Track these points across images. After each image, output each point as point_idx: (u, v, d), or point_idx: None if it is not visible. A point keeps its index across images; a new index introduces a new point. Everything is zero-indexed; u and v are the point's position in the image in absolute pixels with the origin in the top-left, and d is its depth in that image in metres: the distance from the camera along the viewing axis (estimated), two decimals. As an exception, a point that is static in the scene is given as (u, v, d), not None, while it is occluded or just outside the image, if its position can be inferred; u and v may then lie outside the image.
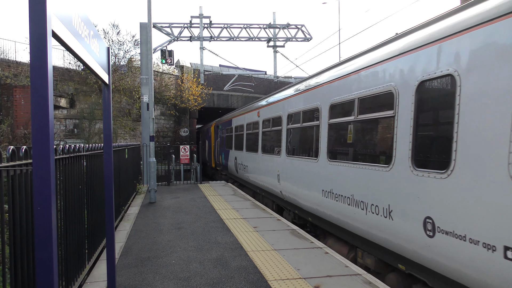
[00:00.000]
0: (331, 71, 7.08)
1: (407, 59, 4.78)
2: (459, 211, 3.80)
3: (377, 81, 5.36)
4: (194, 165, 17.01)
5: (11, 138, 14.05)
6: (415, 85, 4.56)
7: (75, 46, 2.51)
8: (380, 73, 5.31)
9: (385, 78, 5.20)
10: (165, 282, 4.75)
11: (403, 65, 4.84)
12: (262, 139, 11.38)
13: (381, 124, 5.39)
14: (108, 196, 4.16)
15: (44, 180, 1.92)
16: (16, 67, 16.92)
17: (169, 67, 24.47)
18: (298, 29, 26.75)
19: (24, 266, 2.77)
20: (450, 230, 3.89)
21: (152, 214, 9.10)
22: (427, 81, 4.43)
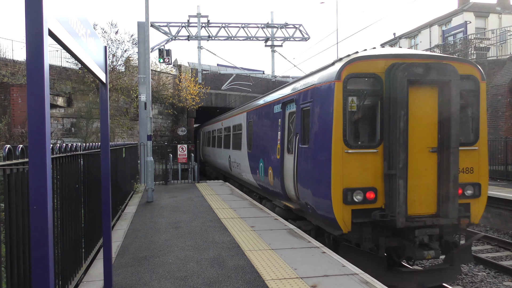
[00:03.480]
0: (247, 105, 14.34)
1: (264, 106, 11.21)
2: (254, 163, 11.37)
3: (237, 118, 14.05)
4: (191, 164, 16.98)
5: (8, 137, 14.00)
6: (289, 112, 8.96)
7: (72, 45, 2.50)
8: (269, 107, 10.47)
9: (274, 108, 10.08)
10: (162, 282, 4.75)
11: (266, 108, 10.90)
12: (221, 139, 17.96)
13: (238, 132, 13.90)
14: (105, 195, 4.15)
15: (40, 179, 1.92)
16: (13, 65, 16.87)
17: (167, 66, 24.44)
18: (296, 28, 26.77)
19: (20, 265, 2.77)
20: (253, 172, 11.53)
21: (149, 213, 9.10)
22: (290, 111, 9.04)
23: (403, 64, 6.32)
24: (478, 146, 6.94)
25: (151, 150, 11.75)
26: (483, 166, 6.97)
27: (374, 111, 6.70)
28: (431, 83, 6.48)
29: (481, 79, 7.00)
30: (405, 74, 6.21)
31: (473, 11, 31.71)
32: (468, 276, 7.89)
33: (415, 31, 37.91)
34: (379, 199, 6.45)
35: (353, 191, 6.39)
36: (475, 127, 6.98)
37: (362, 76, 6.56)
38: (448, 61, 6.79)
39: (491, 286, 7.47)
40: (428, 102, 6.57)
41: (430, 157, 6.57)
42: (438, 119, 6.57)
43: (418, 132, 6.52)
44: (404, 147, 6.20)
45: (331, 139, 6.46)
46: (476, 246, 10.11)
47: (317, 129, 7.02)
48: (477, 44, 22.51)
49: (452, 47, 21.23)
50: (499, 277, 7.90)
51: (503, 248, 9.87)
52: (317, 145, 7.00)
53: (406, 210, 6.17)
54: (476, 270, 8.25)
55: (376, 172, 6.48)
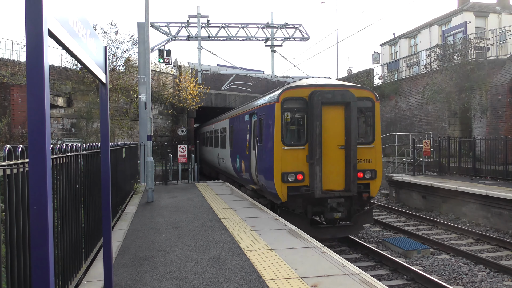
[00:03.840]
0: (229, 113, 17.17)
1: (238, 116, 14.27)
2: (234, 158, 14.19)
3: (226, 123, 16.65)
4: (191, 164, 16.98)
5: (9, 137, 14.00)
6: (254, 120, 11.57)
7: (72, 45, 2.50)
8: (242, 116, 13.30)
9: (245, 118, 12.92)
10: (162, 282, 4.75)
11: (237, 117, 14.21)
12: (212, 140, 20.51)
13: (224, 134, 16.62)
14: (105, 195, 4.15)
15: (40, 179, 1.92)
16: (13, 66, 16.87)
17: (167, 67, 24.43)
18: (296, 28, 26.75)
19: (21, 265, 2.77)
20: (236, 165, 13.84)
21: (150, 214, 9.10)
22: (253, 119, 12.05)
23: (318, 91, 9.55)
24: (375, 145, 10.13)
25: (151, 150, 11.75)
26: (378, 158, 10.16)
27: (302, 122, 9.87)
28: (338, 104, 9.70)
29: (376, 100, 10.18)
30: (319, 98, 9.40)
31: (473, 11, 31.71)
32: (468, 276, 7.90)
33: (415, 31, 37.91)
34: (305, 179, 9.64)
35: (288, 174, 9.60)
36: (372, 132, 10.14)
37: (293, 99, 9.78)
38: (350, 88, 9.95)
39: (491, 285, 7.48)
40: (337, 116, 9.77)
41: (339, 152, 9.76)
42: (344, 127, 9.70)
43: (331, 135, 9.69)
44: (320, 145, 9.36)
45: (273, 140, 9.68)
46: (476, 246, 10.12)
47: (266, 133, 10.13)
48: (477, 44, 22.48)
49: (452, 47, 21.21)
50: (499, 277, 7.90)
51: (503, 247, 9.87)
52: (266, 144, 10.10)
53: (321, 186, 9.33)
54: (476, 270, 8.25)
55: (303, 161, 9.67)
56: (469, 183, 13.69)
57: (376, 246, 10.05)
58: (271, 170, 9.70)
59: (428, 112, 22.18)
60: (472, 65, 19.27)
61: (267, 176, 9.95)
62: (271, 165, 9.71)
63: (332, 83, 10.68)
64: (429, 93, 21.06)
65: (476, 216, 12.26)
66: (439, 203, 13.97)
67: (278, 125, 9.67)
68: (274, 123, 9.70)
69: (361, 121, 10.17)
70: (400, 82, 25.65)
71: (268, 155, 9.90)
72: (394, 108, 25.41)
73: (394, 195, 16.70)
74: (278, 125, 9.67)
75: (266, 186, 10.15)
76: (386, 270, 8.35)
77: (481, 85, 18.58)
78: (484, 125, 18.06)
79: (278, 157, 9.64)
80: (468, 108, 19.24)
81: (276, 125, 9.67)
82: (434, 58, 22.45)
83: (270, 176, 9.73)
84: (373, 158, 10.07)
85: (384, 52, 42.22)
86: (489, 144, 15.45)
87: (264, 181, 10.21)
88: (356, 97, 9.69)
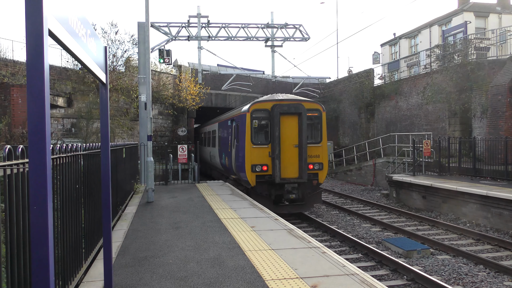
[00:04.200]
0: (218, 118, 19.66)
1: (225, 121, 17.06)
2: (220, 155, 17.50)
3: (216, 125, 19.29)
4: (192, 164, 16.97)
5: (9, 137, 14.00)
6: (234, 125, 14.73)
7: (72, 45, 2.50)
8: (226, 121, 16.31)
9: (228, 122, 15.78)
10: (162, 282, 4.75)
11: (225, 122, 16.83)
12: (206, 140, 23.41)
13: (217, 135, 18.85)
14: (105, 195, 4.15)
15: (40, 179, 1.92)
16: (14, 66, 16.86)
17: (167, 67, 24.41)
18: (296, 29, 26.74)
19: (21, 265, 2.77)
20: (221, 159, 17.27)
21: (150, 214, 9.10)
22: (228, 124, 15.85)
23: (278, 105, 12.81)
24: (322, 144, 13.44)
25: (151, 151, 11.75)
26: (324, 154, 13.47)
27: (266, 127, 13.08)
28: (292, 114, 12.90)
29: (322, 110, 13.60)
30: (278, 110, 12.73)
31: (473, 11, 31.71)
32: (469, 276, 7.89)
33: (415, 31, 37.91)
34: (269, 170, 12.86)
35: (256, 166, 12.81)
36: (320, 135, 13.51)
37: (260, 110, 13.10)
38: (302, 102, 13.11)
39: (491, 286, 7.47)
40: (292, 122, 12.92)
41: (294, 149, 12.92)
42: (298, 131, 12.87)
43: (288, 137, 12.84)
44: (279, 145, 12.63)
45: (245, 141, 12.93)
46: (476, 246, 10.12)
47: (241, 135, 13.40)
48: (477, 44, 22.48)
49: (452, 47, 21.21)
50: (499, 277, 7.90)
51: (503, 248, 9.86)
52: (240, 144, 13.41)
53: (280, 175, 12.62)
54: (476, 270, 8.25)
55: (267, 156, 12.89)
56: (469, 183, 13.69)
57: (376, 246, 10.06)
58: (243, 163, 12.99)
59: (428, 112, 22.18)
60: (472, 65, 19.27)
61: (241, 167, 13.24)
62: (243, 159, 13.00)
63: (288, 98, 13.60)
64: (429, 93, 21.05)
65: (476, 216, 12.25)
66: (439, 203, 13.97)
67: (248, 129, 12.97)
68: (245, 128, 13.02)
69: (311, 126, 13.41)
70: (400, 82, 25.65)
71: (242, 151, 13.20)
72: (394, 108, 25.41)
73: (394, 195, 16.70)
74: (248, 129, 12.97)
75: (241, 176, 13.51)
76: (386, 270, 8.35)
77: (481, 85, 18.57)
78: (484, 125, 18.06)
79: (249, 153, 12.89)
80: (468, 108, 19.24)
81: (247, 129, 12.97)
82: (434, 58, 22.45)
83: (243, 167, 13.02)
84: (320, 154, 13.38)
85: (384, 52, 42.22)
86: (489, 144, 15.44)
87: (239, 171, 13.59)
88: (307, 109, 12.96)
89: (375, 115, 27.62)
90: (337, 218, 13.75)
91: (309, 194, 13.23)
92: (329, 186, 22.70)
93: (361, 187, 21.89)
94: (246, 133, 12.93)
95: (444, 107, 20.68)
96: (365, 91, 27.81)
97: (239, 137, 13.54)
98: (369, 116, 28.04)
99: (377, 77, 29.31)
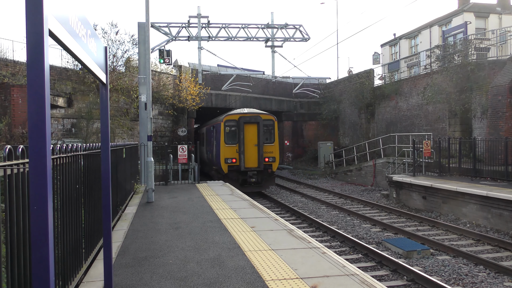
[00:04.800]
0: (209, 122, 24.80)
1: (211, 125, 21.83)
2: (207, 152, 22.86)
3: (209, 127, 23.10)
4: (192, 164, 16.98)
5: (9, 137, 14.01)
6: (215, 130, 20.36)
7: (73, 46, 2.51)
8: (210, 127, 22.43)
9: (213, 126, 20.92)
10: (162, 282, 4.75)
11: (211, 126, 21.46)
12: (200, 140, 25.83)
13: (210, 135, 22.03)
14: (105, 195, 4.15)
15: (40, 179, 1.92)
16: (14, 66, 16.86)
17: (167, 67, 24.41)
18: (296, 29, 26.76)
19: (21, 266, 2.77)
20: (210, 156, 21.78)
21: (150, 214, 9.10)
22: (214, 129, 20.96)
23: (242, 117, 18.06)
24: (274, 144, 18.56)
25: (152, 151, 11.74)
26: (276, 151, 18.61)
27: (235, 132, 18.17)
28: (253, 123, 18.10)
29: (275, 120, 18.85)
30: (242, 120, 17.98)
31: (473, 11, 31.71)
32: (469, 277, 7.89)
33: (415, 31, 37.91)
34: (237, 162, 17.90)
35: (227, 159, 17.95)
36: (273, 137, 18.66)
37: (230, 120, 18.28)
38: (260, 115, 18.41)
39: (491, 286, 7.47)
40: (253, 129, 18.12)
41: (255, 148, 18.06)
42: (257, 135, 18.06)
43: (250, 139, 18.05)
44: (243, 144, 17.90)
45: (220, 141, 18.22)
46: (476, 247, 10.11)
47: (218, 137, 18.63)
48: (477, 44, 22.49)
49: (452, 48, 21.21)
50: (499, 278, 7.89)
51: (503, 248, 9.86)
52: (217, 143, 18.73)
53: (244, 165, 17.80)
54: (476, 271, 8.25)
55: (235, 152, 17.93)
56: (469, 183, 13.68)
57: (376, 247, 10.06)
58: (219, 157, 18.38)
59: (429, 112, 22.18)
60: (472, 65, 19.27)
61: (218, 160, 18.64)
62: (219, 154, 18.42)
63: (250, 112, 19.01)
64: (429, 94, 21.06)
65: (476, 216, 12.25)
66: (439, 204, 13.96)
67: (222, 134, 18.34)
68: (220, 132, 18.40)
69: (266, 132, 18.74)
70: (401, 82, 25.65)
71: (218, 149, 18.67)
72: (394, 109, 25.41)
73: (394, 196, 16.71)
74: (222, 134, 18.34)
75: (218, 166, 18.77)
76: (386, 270, 8.35)
77: (481, 85, 18.58)
78: (484, 126, 18.06)
79: (223, 150, 18.27)
80: (468, 108, 19.24)
81: (222, 134, 18.34)
82: (435, 58, 22.45)
83: (219, 160, 18.36)
84: (273, 150, 18.72)
85: (385, 53, 42.22)
86: (489, 144, 15.44)
87: (216, 164, 19.12)
88: (263, 119, 18.44)
89: (375, 115, 27.62)
90: (337, 219, 13.75)
91: (265, 179, 18.65)
92: (329, 186, 22.70)
93: (361, 188, 21.89)
94: (221, 136, 18.28)
95: (444, 108, 20.68)
96: (365, 91, 27.81)
97: (217, 139, 18.97)
98: (369, 117, 28.04)
99: (377, 78, 29.34)
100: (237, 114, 18.37)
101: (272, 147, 18.57)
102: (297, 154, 34.10)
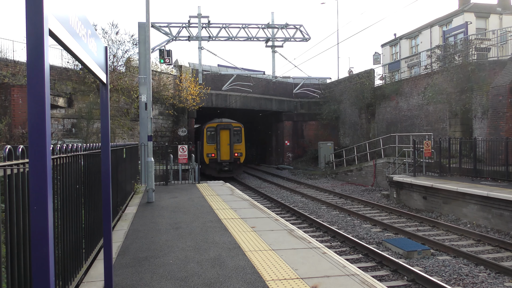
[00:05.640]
0: (204, 124, 29.77)
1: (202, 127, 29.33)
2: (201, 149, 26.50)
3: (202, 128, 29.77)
4: (192, 165, 16.98)
5: (9, 137, 14.02)
6: (200, 132, 28.60)
7: (73, 45, 2.50)
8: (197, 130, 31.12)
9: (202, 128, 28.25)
10: (163, 282, 4.74)
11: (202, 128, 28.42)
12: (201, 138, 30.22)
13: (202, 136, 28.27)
14: (106, 195, 4.15)
15: (40, 180, 1.91)
16: (14, 66, 16.87)
17: (168, 67, 24.42)
18: (297, 29, 26.75)
19: (21, 266, 2.77)
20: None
21: (150, 214, 9.10)
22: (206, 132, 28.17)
23: (219, 124, 26.32)
24: (242, 143, 26.71)
25: (152, 151, 11.74)
26: (243, 148, 26.74)
27: (214, 135, 26.24)
28: (226, 129, 26.32)
29: (242, 127, 27.03)
30: (219, 127, 26.22)
31: (474, 11, 31.71)
32: (469, 277, 7.89)
33: (415, 31, 37.90)
34: (215, 156, 26.04)
35: (209, 153, 25.98)
36: (241, 139, 26.75)
37: (211, 127, 26.48)
38: (232, 123, 26.65)
39: (491, 287, 7.46)
40: (226, 133, 26.29)
41: (228, 146, 26.24)
42: (229, 137, 26.32)
43: (224, 140, 26.27)
44: (219, 144, 26.05)
45: (203, 141, 25.92)
46: (477, 247, 10.11)
47: (202, 139, 26.04)
48: (478, 44, 22.49)
49: (452, 48, 21.20)
50: (500, 278, 7.89)
51: (504, 249, 9.85)
52: (202, 143, 25.43)
53: (220, 158, 26.03)
54: (477, 271, 8.24)
55: (214, 149, 26.07)
56: (470, 184, 13.67)
57: (377, 247, 10.06)
58: (203, 152, 24.83)
59: (429, 112, 22.17)
60: (473, 66, 19.25)
61: (202, 155, 24.12)
62: (203, 150, 24.88)
63: (225, 121, 26.51)
64: (429, 94, 21.04)
65: (477, 217, 12.24)
66: (440, 204, 13.96)
67: (205, 136, 25.70)
68: (204, 135, 25.78)
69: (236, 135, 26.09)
70: (401, 82, 25.64)
71: (201, 147, 24.48)
72: (395, 109, 25.41)
73: (395, 196, 16.70)
74: (205, 136, 25.70)
75: (202, 159, 23.93)
76: (387, 271, 8.34)
77: (482, 86, 18.57)
78: (484, 126, 18.05)
79: (206, 147, 25.54)
80: (469, 109, 19.23)
81: (205, 136, 25.72)
82: (435, 58, 22.44)
83: (203, 154, 24.70)
84: (241, 148, 26.22)
85: (385, 53, 42.22)
86: (489, 145, 15.43)
87: (202, 156, 24.34)
88: (233, 126, 26.07)
89: (376, 115, 27.62)
90: (338, 219, 13.75)
91: (236, 168, 26.33)
92: (329, 186, 22.70)
93: (361, 188, 21.89)
94: (204, 138, 25.77)
95: (445, 108, 20.67)
96: (365, 91, 27.80)
97: (201, 139, 25.66)
98: (370, 117, 28.04)
99: (378, 78, 29.35)
100: (215, 123, 26.20)
101: (240, 146, 26.33)
102: (297, 154, 34.11)
